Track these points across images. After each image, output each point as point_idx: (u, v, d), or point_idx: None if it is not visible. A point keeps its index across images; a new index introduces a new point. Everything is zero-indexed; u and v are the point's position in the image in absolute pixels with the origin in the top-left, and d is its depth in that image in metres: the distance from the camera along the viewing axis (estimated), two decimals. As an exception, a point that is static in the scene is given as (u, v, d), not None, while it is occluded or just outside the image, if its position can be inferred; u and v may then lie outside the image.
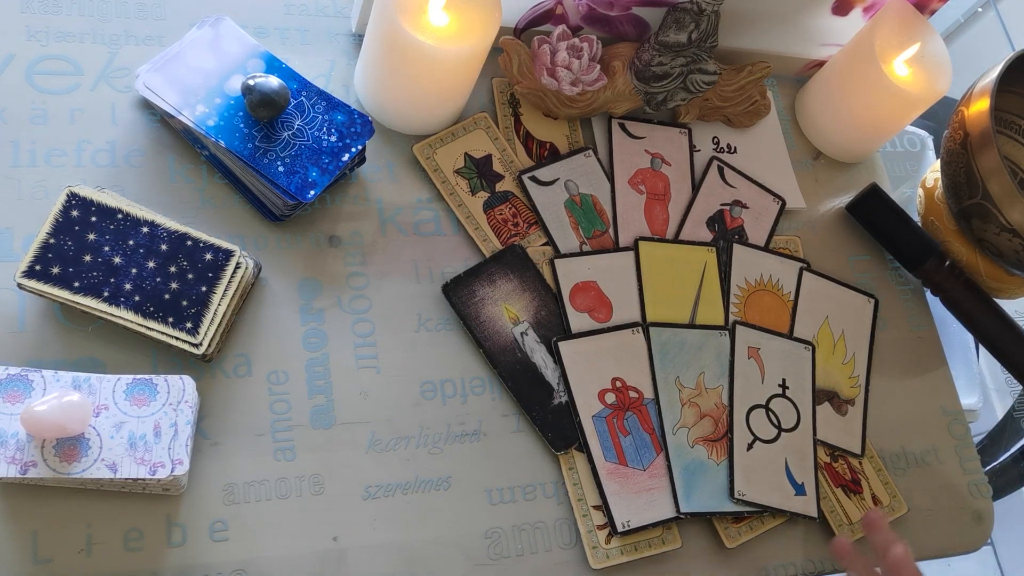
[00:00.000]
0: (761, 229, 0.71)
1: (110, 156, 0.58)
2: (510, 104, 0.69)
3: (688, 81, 0.69)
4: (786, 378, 0.66)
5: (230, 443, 0.53)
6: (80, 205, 0.52)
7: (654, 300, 0.65)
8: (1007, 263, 0.70)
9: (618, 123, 0.71)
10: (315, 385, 0.57)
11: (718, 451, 0.62)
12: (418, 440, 0.57)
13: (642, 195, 0.69)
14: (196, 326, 0.52)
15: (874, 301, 0.72)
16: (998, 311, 0.72)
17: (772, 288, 0.69)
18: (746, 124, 0.75)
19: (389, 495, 0.55)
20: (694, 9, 0.64)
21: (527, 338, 0.61)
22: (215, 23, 0.60)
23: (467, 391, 0.60)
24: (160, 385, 0.50)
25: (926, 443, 0.70)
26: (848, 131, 0.76)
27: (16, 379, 0.48)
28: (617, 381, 0.62)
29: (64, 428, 0.46)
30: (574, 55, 0.66)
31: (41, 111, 0.58)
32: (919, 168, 0.90)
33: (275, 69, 0.59)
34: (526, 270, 0.63)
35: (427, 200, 0.64)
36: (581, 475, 0.59)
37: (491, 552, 0.56)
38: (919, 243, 0.73)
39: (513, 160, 0.67)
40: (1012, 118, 0.77)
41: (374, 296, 0.60)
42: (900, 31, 0.72)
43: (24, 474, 0.46)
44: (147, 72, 0.57)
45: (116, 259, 0.52)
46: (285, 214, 0.59)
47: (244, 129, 0.57)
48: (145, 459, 0.48)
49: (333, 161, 0.58)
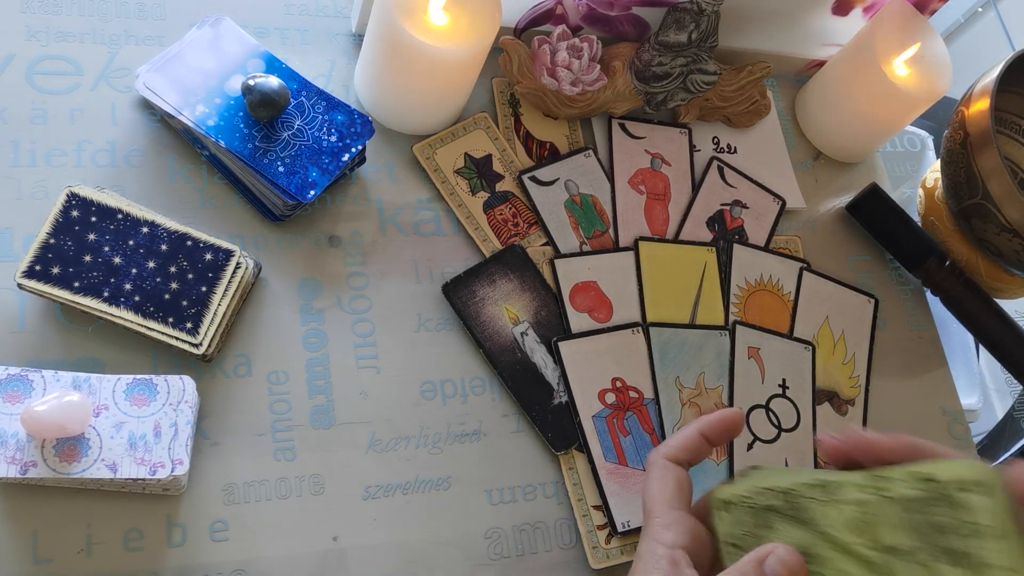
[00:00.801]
0: (761, 229, 0.71)
1: (110, 156, 0.58)
2: (510, 104, 0.69)
3: (688, 81, 0.69)
4: (786, 378, 0.66)
5: (230, 443, 0.53)
6: (80, 205, 0.52)
7: (654, 300, 0.65)
8: (1007, 263, 0.70)
9: (618, 123, 0.71)
10: (315, 385, 0.57)
11: (718, 451, 0.62)
12: (418, 440, 0.57)
13: (642, 195, 0.69)
14: (196, 326, 0.52)
15: (874, 301, 0.72)
16: (998, 311, 0.72)
17: (772, 288, 0.69)
18: (746, 124, 0.75)
19: (389, 495, 0.55)
20: (694, 9, 0.64)
21: (527, 338, 0.61)
22: (215, 23, 0.60)
23: (467, 391, 0.60)
24: (160, 385, 0.50)
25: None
26: (848, 131, 0.76)
27: (16, 379, 0.48)
28: (617, 381, 0.62)
29: (64, 428, 0.46)
30: (574, 55, 0.66)
31: (41, 111, 0.58)
32: (919, 168, 0.90)
33: (275, 69, 0.59)
34: (526, 270, 0.63)
35: (427, 200, 0.64)
36: (581, 475, 0.59)
37: (491, 552, 0.56)
38: (919, 243, 0.73)
39: (513, 160, 0.67)
40: (1012, 118, 0.77)
41: (374, 296, 0.60)
42: (900, 31, 0.72)
43: (24, 474, 0.46)
44: (147, 72, 0.58)
45: (116, 259, 0.52)
46: (285, 214, 0.59)
47: (244, 129, 0.57)
48: (145, 459, 0.48)
49: (333, 161, 0.58)
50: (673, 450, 0.44)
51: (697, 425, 0.45)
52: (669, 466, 0.44)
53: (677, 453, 0.44)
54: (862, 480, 0.38)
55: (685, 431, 0.45)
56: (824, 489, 0.39)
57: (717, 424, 0.45)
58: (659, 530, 0.41)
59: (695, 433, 0.45)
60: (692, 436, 0.45)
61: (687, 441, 0.45)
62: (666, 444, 0.45)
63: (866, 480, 0.38)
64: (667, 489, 0.43)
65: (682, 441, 0.45)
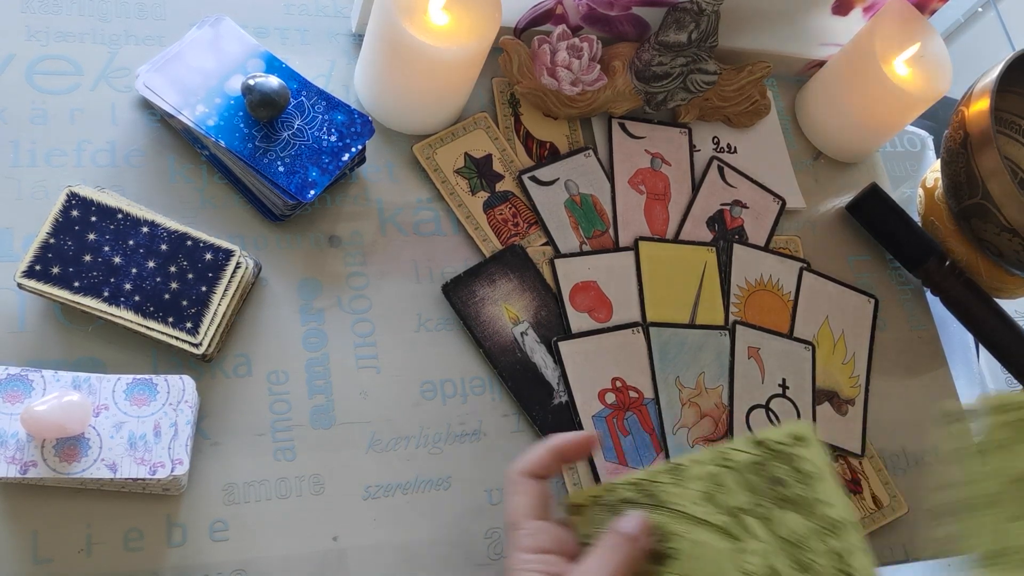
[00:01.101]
0: (761, 229, 0.71)
1: (110, 156, 0.58)
2: (510, 104, 0.69)
3: (688, 81, 0.69)
4: (786, 378, 0.66)
5: (230, 443, 0.53)
6: (80, 205, 0.52)
7: (654, 300, 0.65)
8: (1007, 263, 0.70)
9: (618, 123, 0.71)
10: (315, 385, 0.56)
11: (718, 451, 0.62)
12: (418, 440, 0.57)
13: (642, 195, 0.69)
14: (196, 326, 0.52)
15: (874, 301, 0.72)
16: (998, 311, 0.72)
17: (772, 288, 0.69)
18: (746, 124, 0.75)
19: (389, 495, 0.55)
20: (694, 9, 0.64)
21: (527, 338, 0.61)
22: (215, 23, 0.60)
23: (467, 391, 0.60)
24: (160, 385, 0.50)
25: (926, 443, 0.70)
26: (848, 131, 0.76)
27: (16, 379, 0.48)
28: (617, 381, 0.62)
29: (64, 428, 0.46)
30: (574, 55, 0.66)
31: (41, 111, 0.58)
32: (919, 168, 0.89)
33: (275, 69, 0.59)
34: (526, 270, 0.63)
35: (427, 200, 0.64)
36: (581, 475, 0.59)
37: (491, 552, 0.56)
38: (919, 243, 0.73)
39: (513, 160, 0.67)
40: (1012, 118, 0.77)
41: (374, 296, 0.60)
42: (900, 31, 0.72)
43: (24, 474, 0.46)
44: (147, 72, 0.57)
45: (116, 259, 0.52)
46: (285, 214, 0.59)
47: (244, 129, 0.57)
48: (145, 459, 0.48)
49: (333, 161, 0.58)
50: (527, 465, 0.46)
51: (551, 443, 0.47)
52: (526, 480, 0.46)
53: (532, 468, 0.46)
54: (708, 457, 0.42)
55: (537, 449, 0.47)
56: (673, 472, 0.43)
57: (571, 443, 0.47)
58: (526, 539, 0.43)
59: (546, 451, 0.47)
60: (543, 454, 0.46)
61: (539, 458, 0.46)
62: (520, 460, 0.46)
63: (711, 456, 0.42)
64: (526, 501, 0.45)
65: (535, 458, 0.46)
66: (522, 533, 0.44)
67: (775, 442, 0.41)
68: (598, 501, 0.46)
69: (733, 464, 0.42)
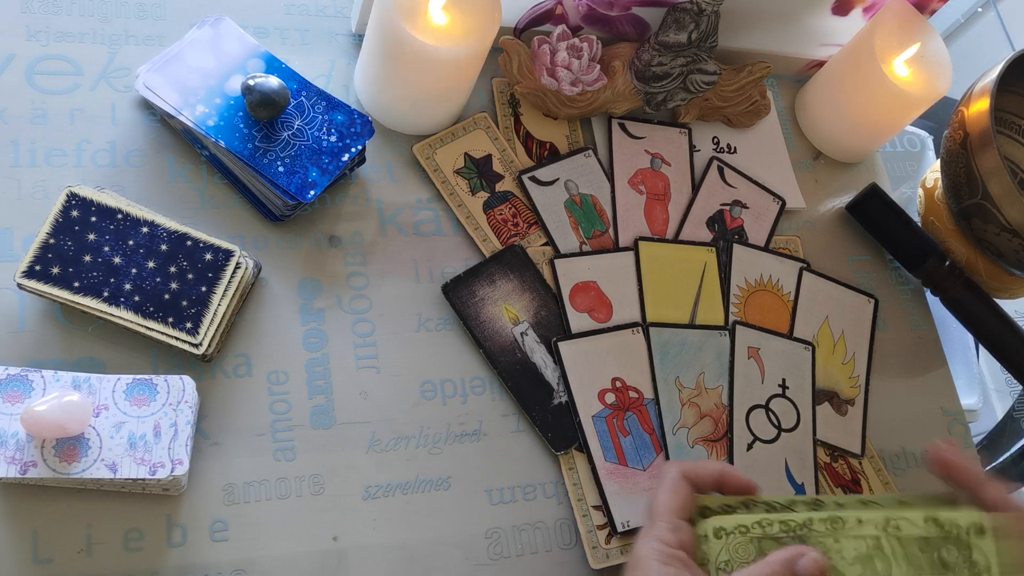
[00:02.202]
0: (761, 229, 0.71)
1: (110, 156, 0.58)
2: (510, 104, 0.69)
3: (688, 81, 0.69)
4: (786, 378, 0.66)
5: (230, 443, 0.53)
6: (80, 205, 0.52)
7: (654, 300, 0.65)
8: (1007, 263, 0.70)
9: (618, 123, 0.71)
10: (315, 385, 0.57)
11: (718, 451, 0.62)
12: (418, 440, 0.57)
13: (642, 195, 0.69)
14: (196, 326, 0.52)
15: (874, 301, 0.72)
16: (998, 311, 0.72)
17: (772, 288, 0.69)
18: (746, 124, 0.75)
19: (389, 495, 0.55)
20: (694, 9, 0.64)
21: (527, 338, 0.61)
22: (215, 23, 0.60)
23: (467, 391, 0.60)
24: (160, 385, 0.50)
25: (926, 443, 0.70)
26: (848, 131, 0.76)
27: (16, 379, 0.48)
28: (617, 381, 0.62)
29: (64, 428, 0.46)
30: (574, 55, 0.66)
31: (41, 111, 0.58)
32: (919, 168, 0.90)
33: (275, 69, 0.59)
34: (526, 270, 0.63)
35: (427, 200, 0.64)
36: (581, 475, 0.59)
37: (491, 552, 0.56)
38: (919, 243, 0.73)
39: (513, 160, 0.67)
40: (1012, 118, 0.77)
41: (374, 296, 0.60)
42: (900, 31, 0.72)
43: (24, 474, 0.46)
44: (147, 72, 0.58)
45: (116, 259, 0.52)
46: (285, 214, 0.59)
47: (244, 129, 0.57)
48: (145, 459, 0.48)
49: (333, 161, 0.58)
50: (691, 472, 0.48)
51: (721, 467, 0.49)
52: (684, 483, 0.47)
53: (695, 476, 0.48)
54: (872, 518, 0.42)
55: (710, 465, 0.49)
56: (832, 524, 0.43)
57: (739, 480, 0.49)
58: (667, 533, 0.45)
59: (716, 471, 0.48)
60: (712, 472, 0.48)
61: (707, 473, 0.48)
62: (687, 463, 0.48)
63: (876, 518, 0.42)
64: (677, 501, 0.46)
65: (703, 470, 0.48)
66: (665, 526, 0.45)
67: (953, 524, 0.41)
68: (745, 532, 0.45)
69: (899, 534, 0.42)
